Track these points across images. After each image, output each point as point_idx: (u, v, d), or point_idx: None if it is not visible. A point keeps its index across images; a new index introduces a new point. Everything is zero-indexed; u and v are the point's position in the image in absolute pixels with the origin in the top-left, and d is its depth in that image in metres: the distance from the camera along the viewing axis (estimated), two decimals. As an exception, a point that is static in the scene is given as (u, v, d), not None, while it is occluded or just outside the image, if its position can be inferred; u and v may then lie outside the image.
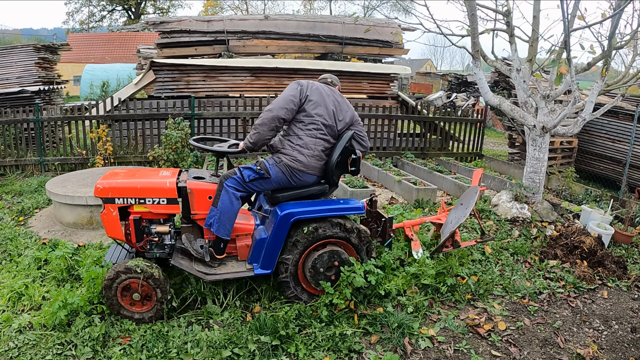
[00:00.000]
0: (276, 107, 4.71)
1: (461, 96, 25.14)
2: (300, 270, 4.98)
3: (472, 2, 7.55)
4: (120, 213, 4.83)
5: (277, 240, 4.79)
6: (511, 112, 8.24)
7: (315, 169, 4.89)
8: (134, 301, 4.73)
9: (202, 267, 4.81)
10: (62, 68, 17.73)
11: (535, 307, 5.39)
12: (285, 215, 4.72)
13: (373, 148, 13.16)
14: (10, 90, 14.35)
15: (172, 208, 4.84)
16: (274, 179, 4.83)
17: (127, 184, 4.78)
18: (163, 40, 15.50)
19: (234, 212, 4.77)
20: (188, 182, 4.85)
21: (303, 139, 4.82)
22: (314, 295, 5.04)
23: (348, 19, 17.19)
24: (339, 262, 4.88)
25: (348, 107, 5.12)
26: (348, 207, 4.92)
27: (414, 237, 6.02)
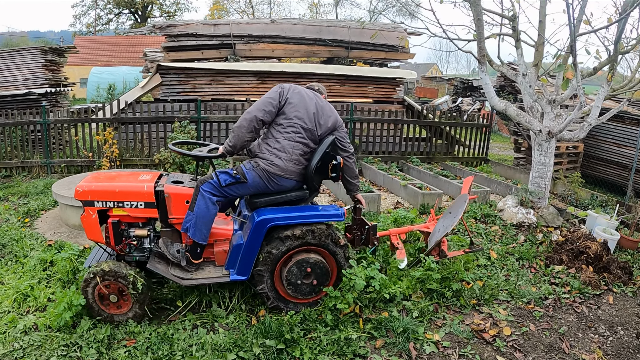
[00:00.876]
0: (254, 109, 4.69)
1: (467, 101, 25.11)
2: (278, 277, 4.92)
3: (479, 6, 7.55)
4: (101, 216, 4.85)
5: (253, 247, 4.74)
6: (517, 116, 8.23)
7: (294, 173, 4.83)
8: (111, 303, 4.75)
9: (178, 272, 4.80)
10: (68, 70, 17.79)
11: (541, 313, 5.38)
12: (261, 221, 4.68)
13: (379, 152, 13.18)
14: (17, 92, 14.42)
15: (150, 212, 4.82)
16: (250, 183, 4.77)
17: (106, 188, 4.78)
18: (170, 44, 15.53)
19: (210, 216, 4.73)
20: (165, 186, 4.83)
21: (281, 143, 4.77)
22: (293, 302, 4.99)
23: (354, 24, 17.19)
24: (316, 269, 4.83)
25: (331, 112, 5.06)
26: (326, 214, 4.86)
27: (399, 245, 5.92)
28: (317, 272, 4.84)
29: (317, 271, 4.84)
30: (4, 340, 4.60)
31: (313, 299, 5.00)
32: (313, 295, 4.97)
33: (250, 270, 4.79)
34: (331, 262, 4.95)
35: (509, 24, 8.16)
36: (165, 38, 15.66)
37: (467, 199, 5.88)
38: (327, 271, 4.88)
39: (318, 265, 4.82)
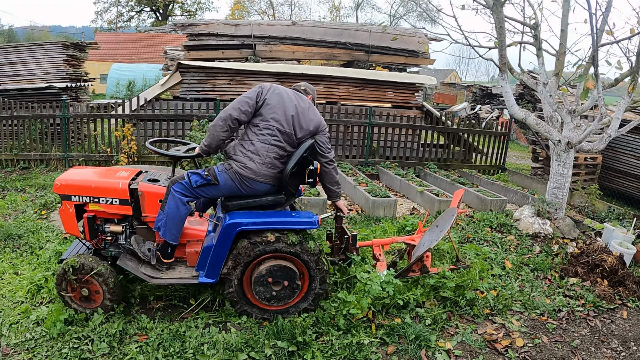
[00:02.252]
0: (230, 107, 4.62)
1: (485, 108, 25.03)
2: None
3: (501, 14, 7.53)
4: (78, 210, 4.89)
5: (222, 250, 4.66)
6: (536, 126, 8.18)
7: (267, 177, 4.70)
8: (84, 297, 4.78)
9: (149, 270, 4.77)
10: (89, 66, 17.97)
11: (554, 325, 5.34)
12: (230, 225, 4.61)
13: (396, 157, 13.17)
14: (38, 85, 14.59)
15: (124, 209, 4.81)
16: (222, 185, 4.68)
17: (82, 183, 4.80)
18: (190, 43, 15.62)
19: (180, 217, 4.68)
20: (140, 184, 4.81)
21: (255, 145, 4.65)
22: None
23: (375, 27, 17.20)
24: (286, 277, 4.73)
25: (314, 115, 4.93)
26: (299, 220, 4.73)
27: (381, 257, 5.74)
28: (287, 280, 4.72)
29: (287, 279, 4.72)
30: (17, 330, 4.66)
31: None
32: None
33: (219, 274, 4.72)
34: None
35: (530, 32, 8.13)
36: (187, 37, 15.77)
37: (455, 212, 5.68)
38: (297, 280, 4.75)
39: (288, 273, 4.71)
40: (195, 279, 4.74)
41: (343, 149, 13.00)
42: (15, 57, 15.96)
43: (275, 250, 4.68)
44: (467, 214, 7.45)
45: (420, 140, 13.63)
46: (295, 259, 4.77)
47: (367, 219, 8.32)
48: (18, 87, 14.87)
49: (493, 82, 71.27)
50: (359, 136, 12.99)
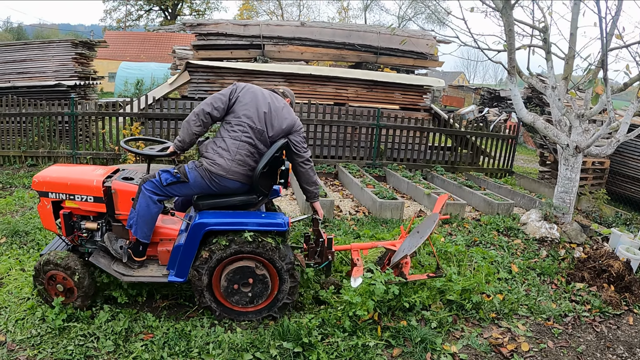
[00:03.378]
0: (204, 103, 4.61)
1: (493, 111, 24.97)
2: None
3: (510, 17, 7.52)
4: (57, 207, 4.93)
5: (190, 250, 4.65)
6: (545, 130, 8.17)
7: (237, 174, 4.66)
8: (59, 292, 4.82)
9: (121, 268, 4.78)
10: (97, 64, 18.02)
11: (560, 330, 5.32)
12: (197, 225, 4.59)
13: (403, 159, 13.18)
14: (46, 83, 14.65)
15: (99, 206, 4.84)
16: (192, 183, 4.66)
17: (59, 180, 4.84)
18: (199, 42, 15.64)
19: (151, 215, 4.67)
20: (113, 182, 4.83)
21: (225, 142, 4.63)
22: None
23: (384, 29, 17.19)
24: (255, 279, 4.69)
25: (289, 114, 4.89)
26: (267, 222, 4.67)
27: (359, 262, 5.51)
28: (255, 282, 4.70)
29: (255, 281, 4.69)
30: (22, 326, 4.68)
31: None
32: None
33: (187, 273, 4.71)
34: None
35: (539, 36, 8.11)
36: (195, 36, 15.79)
37: (437, 218, 5.58)
38: (266, 282, 4.72)
39: (257, 276, 4.68)
40: (166, 278, 4.75)
41: (351, 150, 13.01)
42: (25, 55, 16.02)
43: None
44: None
45: (428, 142, 13.61)
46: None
47: (373, 221, 8.32)
48: (27, 84, 14.93)
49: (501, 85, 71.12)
50: (366, 137, 12.99)
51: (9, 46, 16.54)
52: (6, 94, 12.78)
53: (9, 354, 4.35)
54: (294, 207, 9.25)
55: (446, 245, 6.48)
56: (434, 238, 6.99)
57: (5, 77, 15.71)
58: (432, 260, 6.20)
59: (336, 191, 10.78)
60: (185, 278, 4.71)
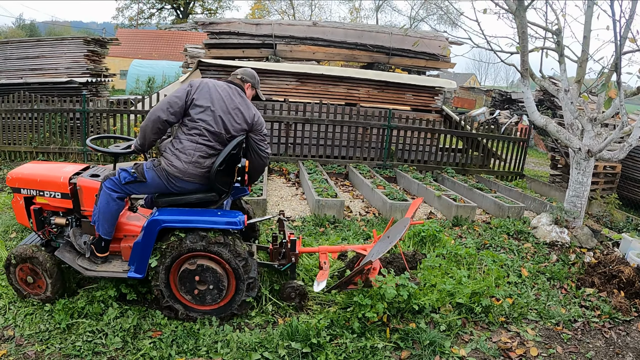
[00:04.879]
0: (158, 108, 4.54)
1: (504, 113, 24.86)
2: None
3: (524, 19, 7.48)
4: (29, 203, 5.06)
5: (146, 247, 4.68)
6: (557, 133, 8.13)
7: (194, 176, 4.65)
8: (29, 284, 4.93)
9: (85, 263, 4.86)
10: (109, 62, 18.11)
11: (569, 335, 5.29)
12: (153, 222, 4.62)
13: (414, 161, 13.17)
14: (58, 79, 14.75)
15: (66, 202, 4.95)
16: (150, 182, 4.68)
17: (30, 177, 5.00)
18: (211, 41, 15.70)
19: (111, 212, 4.70)
20: (79, 178, 4.93)
21: (183, 144, 4.62)
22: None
23: (396, 30, 17.19)
24: (210, 277, 4.70)
25: (248, 110, 4.86)
26: (222, 220, 4.65)
27: (325, 266, 5.47)
28: (211, 280, 4.70)
29: (211, 279, 4.70)
30: (31, 321, 4.74)
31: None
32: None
33: (145, 269, 4.73)
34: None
35: (552, 38, 8.07)
36: (207, 35, 15.86)
37: (407, 223, 5.52)
38: (221, 280, 4.71)
39: (212, 273, 4.68)
40: (126, 274, 4.78)
41: (361, 150, 13.01)
42: (37, 51, 16.14)
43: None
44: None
45: (439, 144, 13.59)
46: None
47: (384, 222, 8.30)
48: (39, 80, 15.04)
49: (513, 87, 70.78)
50: (377, 138, 12.98)
51: (22, 42, 16.67)
52: (18, 90, 12.86)
53: (17, 348, 4.40)
54: (304, 206, 9.26)
55: (456, 248, 6.45)
56: (445, 240, 6.97)
57: (17, 73, 15.86)
58: (442, 261, 6.17)
59: (346, 192, 10.78)
60: (143, 274, 4.74)
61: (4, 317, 4.81)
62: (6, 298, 5.09)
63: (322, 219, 8.12)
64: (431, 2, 46.37)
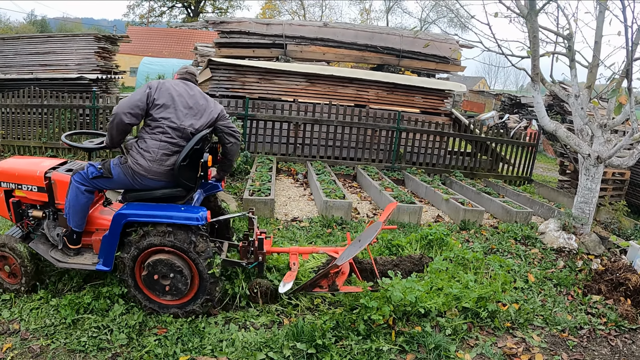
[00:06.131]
0: (120, 111, 4.55)
1: (514, 117, 24.80)
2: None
3: (535, 23, 7.47)
4: (9, 196, 5.23)
5: (113, 240, 4.74)
6: (567, 139, 8.10)
7: (158, 174, 4.72)
8: (7, 273, 5.13)
9: (58, 254, 5.00)
10: (119, 59, 18.21)
11: (575, 342, 5.26)
12: (118, 216, 4.68)
13: (422, 164, 13.15)
14: (69, 75, 14.83)
15: (42, 196, 5.08)
16: (115, 179, 4.76)
17: (9, 171, 5.16)
18: (222, 40, 15.73)
19: (80, 205, 4.82)
20: (54, 173, 5.07)
21: (147, 142, 4.68)
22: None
23: (407, 32, 17.18)
24: (173, 272, 4.72)
25: (206, 104, 4.95)
26: (184, 215, 4.66)
27: (294, 267, 5.48)
28: (173, 275, 4.73)
29: (173, 274, 4.72)
30: (37, 315, 4.78)
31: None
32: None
33: (112, 262, 4.81)
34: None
35: (563, 43, 8.04)
36: (218, 34, 15.90)
37: (379, 227, 5.46)
38: (184, 276, 4.73)
39: (174, 269, 4.70)
40: (94, 266, 4.87)
41: (370, 152, 13.02)
42: (48, 47, 16.24)
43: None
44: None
45: (448, 147, 13.56)
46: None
47: (391, 225, 8.30)
48: (49, 76, 15.13)
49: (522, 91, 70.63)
50: (386, 140, 12.99)
51: (33, 38, 16.78)
52: (28, 85, 12.95)
53: (22, 342, 4.43)
54: (312, 207, 9.26)
55: (464, 252, 6.45)
56: (452, 244, 6.96)
57: (27, 68, 15.94)
58: (449, 265, 6.16)
59: (354, 193, 10.78)
60: (110, 267, 4.82)
61: (10, 311, 4.86)
62: (34, 294, 5.12)
63: (329, 220, 8.13)
64: (441, 3, 46.27)
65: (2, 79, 15.31)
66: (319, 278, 5.12)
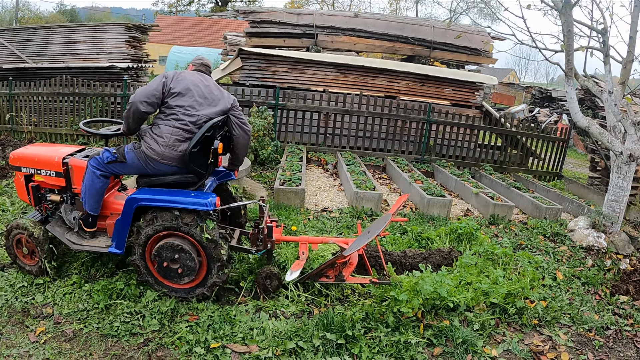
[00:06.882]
0: (137, 100, 4.67)
1: (544, 111, 24.52)
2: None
3: (570, 17, 7.39)
4: (28, 180, 5.44)
5: (125, 223, 4.88)
6: (599, 135, 8.01)
7: (170, 159, 4.82)
8: (24, 254, 5.31)
9: (73, 237, 5.16)
10: (149, 47, 18.35)
11: (601, 343, 5.24)
12: (129, 201, 4.80)
13: (452, 156, 13.15)
14: (100, 64, 15.03)
15: (60, 181, 5.25)
16: (129, 163, 4.91)
17: (29, 156, 5.36)
18: (252, 30, 15.81)
19: (96, 190, 4.97)
20: (71, 158, 5.23)
21: (160, 128, 4.81)
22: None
23: (438, 23, 17.10)
24: (182, 256, 4.82)
25: (220, 94, 5.10)
26: (192, 201, 4.75)
27: (302, 256, 5.51)
28: (182, 259, 4.82)
29: (182, 258, 4.82)
30: (70, 300, 4.92)
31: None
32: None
33: (124, 246, 4.94)
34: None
35: (597, 37, 7.95)
36: (248, 23, 15.98)
37: (388, 219, 5.54)
38: (192, 260, 4.83)
39: (183, 253, 4.81)
40: (107, 249, 5.01)
41: (400, 144, 13.05)
42: (79, 36, 16.47)
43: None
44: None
45: (478, 140, 13.51)
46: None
47: (420, 217, 8.33)
48: (80, 65, 15.34)
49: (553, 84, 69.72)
50: (416, 132, 12.99)
51: (64, 28, 17.01)
52: (60, 74, 13.15)
53: (55, 326, 4.56)
54: (342, 198, 9.33)
55: (493, 247, 6.44)
56: (482, 239, 6.97)
57: (59, 57, 16.17)
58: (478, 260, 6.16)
59: (383, 185, 10.82)
60: (122, 250, 4.97)
61: (43, 295, 5.00)
62: (46, 276, 5.28)
63: (359, 211, 8.18)
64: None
65: (34, 67, 15.55)
66: (325, 268, 5.17)
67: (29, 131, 12.34)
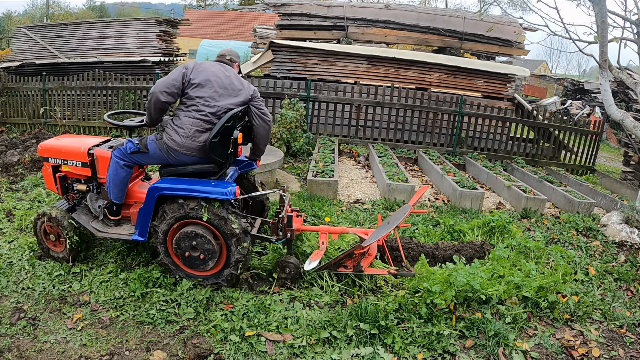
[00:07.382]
0: (157, 90, 4.78)
1: (576, 104, 24.20)
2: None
3: (604, 7, 7.31)
4: (56, 171, 5.62)
5: (147, 211, 4.99)
6: (634, 129, 7.93)
7: (191, 149, 4.91)
8: (52, 241, 5.53)
9: (98, 225, 5.37)
10: (178, 41, 18.53)
11: (632, 340, 5.19)
12: (152, 189, 4.90)
13: (484, 149, 13.10)
14: (132, 58, 15.27)
15: (86, 170, 5.45)
16: (152, 154, 5.04)
17: (57, 147, 5.55)
18: (283, 22, 15.90)
19: (120, 179, 5.12)
20: (97, 149, 5.40)
21: (181, 119, 4.89)
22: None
23: (469, 14, 16.98)
24: (202, 244, 4.89)
25: (241, 85, 5.16)
26: (212, 190, 4.80)
27: (322, 246, 5.55)
28: (202, 247, 4.88)
29: (202, 246, 4.88)
30: (106, 288, 5.07)
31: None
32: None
33: (147, 233, 5.05)
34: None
35: (631, 28, 7.86)
36: (279, 16, 16.06)
37: (408, 210, 5.58)
38: (212, 248, 4.91)
39: (203, 241, 4.88)
40: (130, 236, 5.16)
41: (431, 136, 13.04)
42: (110, 31, 16.69)
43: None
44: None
45: (510, 133, 13.43)
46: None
47: (452, 210, 8.35)
48: (112, 59, 15.59)
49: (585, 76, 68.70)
50: (447, 124, 12.98)
51: (94, 23, 17.25)
52: (92, 68, 13.40)
53: (92, 313, 4.71)
54: (374, 189, 9.39)
55: (525, 241, 6.43)
56: (514, 232, 6.96)
57: (91, 52, 16.43)
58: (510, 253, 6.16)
59: (415, 177, 10.85)
60: (145, 237, 5.09)
61: (80, 283, 5.17)
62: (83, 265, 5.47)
63: (392, 202, 8.23)
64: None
65: (67, 62, 15.87)
66: (343, 258, 5.22)
67: (63, 124, 12.61)
